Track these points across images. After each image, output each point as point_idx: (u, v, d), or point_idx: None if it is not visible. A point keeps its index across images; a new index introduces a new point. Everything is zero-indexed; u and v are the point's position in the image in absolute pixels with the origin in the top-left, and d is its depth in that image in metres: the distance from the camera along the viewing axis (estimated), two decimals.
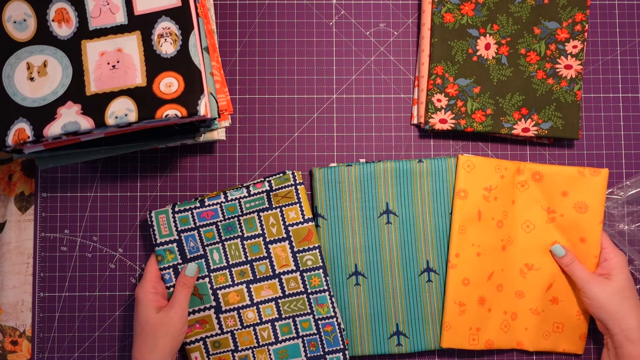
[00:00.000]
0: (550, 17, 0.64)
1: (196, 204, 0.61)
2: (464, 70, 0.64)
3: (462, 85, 0.64)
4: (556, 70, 0.64)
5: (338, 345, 0.62)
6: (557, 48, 0.64)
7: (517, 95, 0.64)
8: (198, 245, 0.62)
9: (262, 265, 0.62)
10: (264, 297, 0.62)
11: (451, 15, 0.64)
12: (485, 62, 0.64)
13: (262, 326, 0.62)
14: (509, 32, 0.64)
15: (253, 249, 0.62)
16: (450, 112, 0.64)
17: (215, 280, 0.62)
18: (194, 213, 0.61)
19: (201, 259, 0.62)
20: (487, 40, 0.64)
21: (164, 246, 0.61)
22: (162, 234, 0.61)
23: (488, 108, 0.63)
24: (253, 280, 0.62)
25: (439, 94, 0.64)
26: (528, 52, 0.64)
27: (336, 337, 0.62)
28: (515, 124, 0.64)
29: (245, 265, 0.62)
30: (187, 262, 0.61)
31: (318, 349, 0.62)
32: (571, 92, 0.63)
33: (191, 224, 0.61)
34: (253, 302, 0.62)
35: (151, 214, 0.61)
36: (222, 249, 0.62)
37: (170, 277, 0.61)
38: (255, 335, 0.62)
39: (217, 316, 0.62)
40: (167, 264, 0.61)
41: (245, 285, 0.62)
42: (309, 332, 0.62)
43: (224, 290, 0.62)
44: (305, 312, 0.62)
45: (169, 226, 0.61)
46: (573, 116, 0.64)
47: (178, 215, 0.61)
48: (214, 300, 0.62)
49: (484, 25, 0.64)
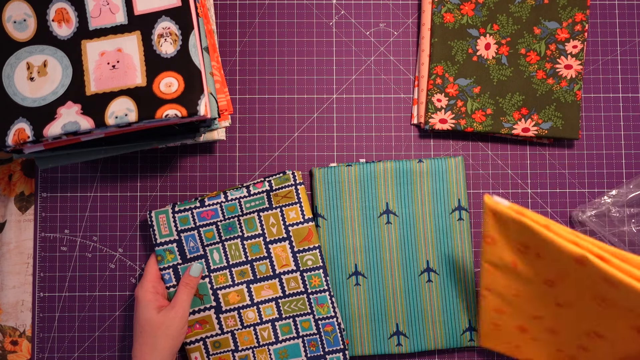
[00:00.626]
0: (550, 17, 0.64)
1: (196, 204, 0.61)
2: (464, 70, 0.64)
3: (462, 85, 0.64)
4: (556, 70, 0.64)
5: (338, 345, 0.62)
6: (557, 48, 0.64)
7: (517, 95, 0.64)
8: (198, 245, 0.62)
9: (263, 265, 0.62)
10: (264, 297, 0.62)
11: (451, 15, 0.64)
12: (485, 62, 0.64)
13: (263, 326, 0.62)
14: (509, 32, 0.64)
15: (253, 249, 0.62)
16: (450, 112, 0.64)
17: (215, 280, 0.62)
18: (194, 213, 0.61)
19: (201, 259, 0.62)
20: (487, 40, 0.64)
21: (164, 246, 0.61)
22: (162, 234, 0.61)
23: (488, 108, 0.64)
24: (253, 280, 0.62)
25: (439, 93, 0.64)
26: (528, 52, 0.64)
27: (336, 337, 0.62)
28: (515, 124, 0.64)
29: (246, 265, 0.62)
30: (187, 262, 0.61)
31: (318, 348, 0.62)
32: (571, 92, 0.63)
33: (191, 224, 0.61)
34: (253, 302, 0.62)
35: (151, 214, 0.61)
36: (222, 249, 0.62)
37: (170, 277, 0.61)
38: (255, 335, 0.62)
39: (217, 316, 0.62)
40: (167, 264, 0.61)
41: (246, 285, 0.62)
42: (309, 332, 0.62)
43: (224, 290, 0.62)
44: (306, 312, 0.62)
45: (169, 226, 0.61)
46: (573, 116, 0.64)
47: (178, 215, 0.61)
48: (214, 300, 0.62)
49: (484, 25, 0.64)
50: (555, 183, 0.67)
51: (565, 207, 0.67)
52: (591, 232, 0.66)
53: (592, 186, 0.67)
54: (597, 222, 0.65)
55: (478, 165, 0.67)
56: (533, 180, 0.67)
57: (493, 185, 0.67)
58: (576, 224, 0.66)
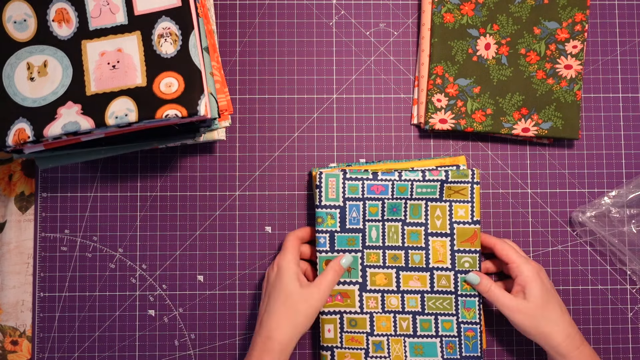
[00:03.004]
0: (550, 17, 0.64)
1: (369, 175, 0.60)
2: (464, 70, 0.64)
3: (462, 85, 0.64)
4: (556, 70, 0.64)
5: (476, 352, 0.60)
6: (557, 48, 0.64)
7: (517, 95, 0.64)
8: (359, 217, 0.60)
9: (417, 256, 0.61)
10: (411, 287, 0.61)
11: (451, 15, 0.64)
12: (485, 62, 0.64)
13: (403, 316, 0.61)
14: (508, 32, 0.64)
15: (412, 236, 0.61)
16: (450, 112, 0.64)
17: (367, 257, 0.61)
18: (364, 184, 0.59)
19: (359, 233, 0.60)
20: (487, 40, 0.64)
21: (328, 209, 0.60)
22: (328, 197, 0.59)
23: (488, 108, 0.64)
24: (404, 267, 0.61)
25: (439, 93, 0.64)
26: (528, 52, 0.64)
27: (475, 345, 0.60)
28: (515, 124, 0.64)
29: (400, 250, 0.61)
30: (345, 232, 0.60)
31: (455, 352, 0.60)
32: (571, 92, 0.63)
33: (359, 194, 0.60)
34: (399, 289, 0.61)
35: (321, 174, 0.60)
36: (382, 228, 0.61)
37: (324, 242, 0.60)
38: (394, 322, 0.61)
39: (360, 294, 0.60)
40: (325, 228, 0.60)
41: (396, 270, 0.61)
42: (449, 334, 0.60)
43: (373, 269, 0.61)
44: (450, 312, 0.60)
45: (337, 191, 0.60)
46: (573, 116, 0.64)
47: (348, 183, 0.60)
48: (361, 277, 0.60)
49: (483, 25, 0.64)
50: (555, 183, 0.67)
51: (565, 207, 0.67)
52: (591, 233, 0.66)
53: (592, 186, 0.67)
54: (597, 223, 0.65)
55: (478, 165, 0.67)
56: (533, 180, 0.67)
57: (493, 185, 0.67)
58: (576, 224, 0.66)
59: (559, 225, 0.67)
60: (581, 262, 0.66)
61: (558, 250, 0.67)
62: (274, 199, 0.67)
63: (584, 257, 0.66)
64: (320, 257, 0.60)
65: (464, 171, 0.60)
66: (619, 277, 0.66)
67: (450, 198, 0.60)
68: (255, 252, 0.66)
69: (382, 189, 0.59)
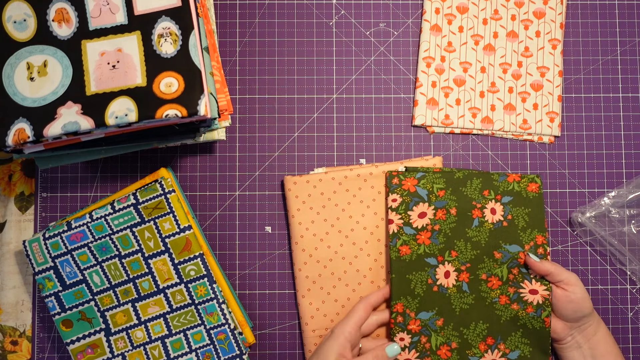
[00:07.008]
0: (510, 240, 0.61)
1: (64, 228, 0.59)
2: (425, 302, 0.61)
3: (424, 319, 0.61)
4: (520, 295, 0.60)
5: (234, 352, 0.60)
6: (520, 272, 0.61)
7: (480, 323, 0.61)
8: (75, 270, 0.60)
9: (145, 282, 0.60)
10: (151, 315, 0.61)
11: (407, 247, 0.61)
12: (446, 291, 0.61)
13: (152, 344, 0.61)
14: (468, 257, 0.61)
15: (133, 266, 0.60)
16: (414, 351, 0.60)
17: (101, 302, 0.60)
18: (63, 237, 0.59)
19: (82, 284, 0.60)
20: (447, 268, 0.61)
21: (42, 274, 0.60)
22: (38, 262, 0.60)
23: (453, 342, 0.60)
24: (138, 298, 0.61)
25: (401, 332, 0.60)
26: (489, 278, 0.61)
27: (230, 344, 0.60)
28: (482, 357, 0.61)
29: (128, 283, 0.60)
30: (67, 288, 0.60)
31: (214, 359, 0.61)
32: (539, 318, 0.59)
33: (63, 249, 0.59)
34: (141, 321, 0.61)
35: (25, 244, 0.60)
36: (102, 271, 0.60)
37: (53, 305, 0.60)
38: (146, 355, 0.61)
39: (107, 339, 0.60)
40: (48, 292, 0.60)
41: (131, 304, 0.61)
42: (203, 344, 0.61)
43: (111, 311, 0.60)
44: (196, 323, 0.60)
45: (43, 253, 0.60)
46: (543, 342, 0.59)
47: (49, 242, 0.59)
48: (102, 322, 0.60)
49: (441, 252, 0.61)
50: (555, 183, 0.67)
51: (565, 207, 0.67)
52: (591, 233, 0.66)
53: (592, 186, 0.67)
54: (597, 223, 0.65)
55: (478, 165, 0.67)
56: None
57: None
58: (576, 225, 0.66)
59: (559, 225, 0.67)
60: (581, 262, 0.66)
61: (558, 250, 0.67)
62: (274, 199, 0.67)
63: (584, 257, 0.66)
64: (56, 320, 0.60)
65: (152, 187, 0.60)
66: (619, 277, 0.66)
67: (152, 216, 0.59)
68: (255, 252, 0.66)
69: (81, 236, 0.59)
